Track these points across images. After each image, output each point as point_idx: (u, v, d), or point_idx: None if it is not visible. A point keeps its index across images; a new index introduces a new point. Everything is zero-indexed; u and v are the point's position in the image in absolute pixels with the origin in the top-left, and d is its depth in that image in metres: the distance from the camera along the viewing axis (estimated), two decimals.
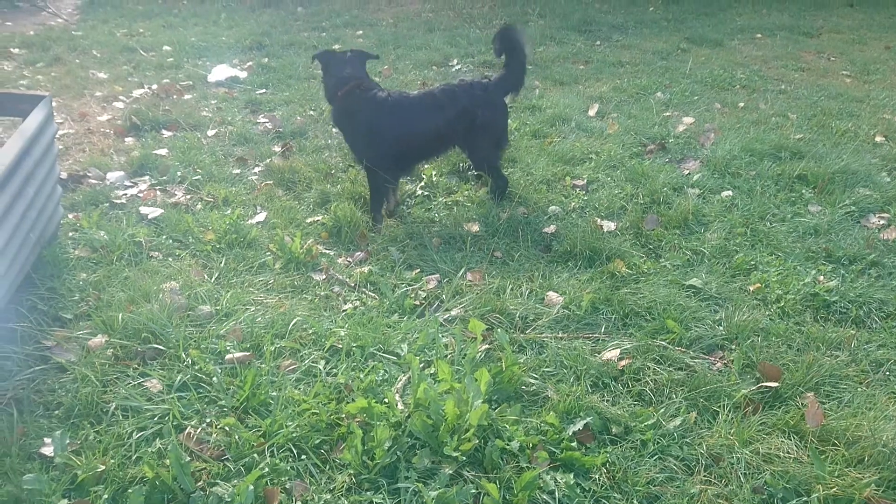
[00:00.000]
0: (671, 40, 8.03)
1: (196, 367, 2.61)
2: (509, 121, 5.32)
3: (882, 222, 3.88)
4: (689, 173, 4.47)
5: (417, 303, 3.14)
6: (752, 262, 3.44)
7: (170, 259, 3.44)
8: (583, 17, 8.97)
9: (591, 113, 5.61)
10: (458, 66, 6.98)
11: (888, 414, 2.44)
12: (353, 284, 3.27)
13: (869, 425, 2.37)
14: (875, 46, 8.07)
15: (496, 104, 4.01)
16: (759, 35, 8.50)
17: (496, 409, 2.45)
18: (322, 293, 3.21)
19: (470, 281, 3.29)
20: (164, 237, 3.64)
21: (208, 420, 2.40)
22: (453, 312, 3.04)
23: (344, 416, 2.39)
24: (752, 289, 3.23)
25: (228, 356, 2.68)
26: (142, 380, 2.57)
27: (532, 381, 2.62)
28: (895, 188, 4.23)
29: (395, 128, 3.81)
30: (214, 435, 2.33)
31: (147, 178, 4.40)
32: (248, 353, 2.72)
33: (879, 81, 6.69)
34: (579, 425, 2.38)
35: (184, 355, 2.68)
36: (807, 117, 5.53)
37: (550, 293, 3.18)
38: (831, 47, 8.02)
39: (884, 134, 5.15)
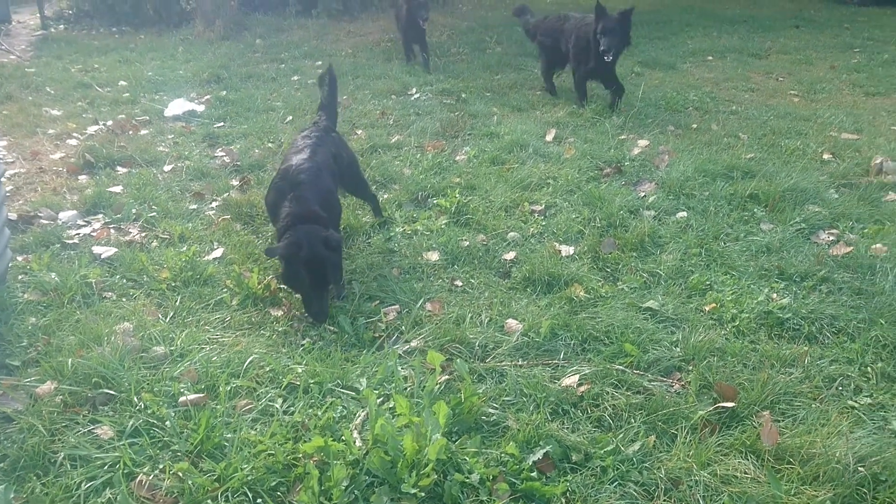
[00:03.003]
0: (625, 64, 8.18)
1: (149, 412, 2.55)
2: (468, 148, 5.42)
3: (831, 238, 3.97)
4: (644, 195, 4.54)
5: (377, 335, 3.12)
6: (708, 283, 3.49)
7: (123, 299, 3.37)
8: None
9: (549, 138, 5.67)
10: (417, 95, 7.03)
11: (841, 430, 2.48)
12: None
13: (822, 442, 2.41)
14: (821, 66, 8.34)
15: (343, 140, 4.26)
16: (710, 57, 8.73)
17: (456, 441, 2.43)
18: (280, 329, 3.17)
19: (430, 311, 3.28)
20: (118, 277, 3.58)
21: (161, 466, 2.33)
22: (413, 344, 3.03)
23: (301, 455, 2.34)
24: (707, 309, 3.27)
25: (182, 398, 2.62)
26: (92, 427, 2.49)
27: (492, 410, 2.61)
28: (843, 204, 4.34)
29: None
30: (167, 481, 2.27)
31: (101, 216, 4.32)
32: (202, 395, 2.66)
33: (826, 100, 6.92)
34: (539, 454, 2.37)
35: (136, 399, 2.61)
36: (757, 137, 5.68)
37: (510, 320, 3.18)
38: (779, 68, 8.27)
39: (831, 151, 5.30)
